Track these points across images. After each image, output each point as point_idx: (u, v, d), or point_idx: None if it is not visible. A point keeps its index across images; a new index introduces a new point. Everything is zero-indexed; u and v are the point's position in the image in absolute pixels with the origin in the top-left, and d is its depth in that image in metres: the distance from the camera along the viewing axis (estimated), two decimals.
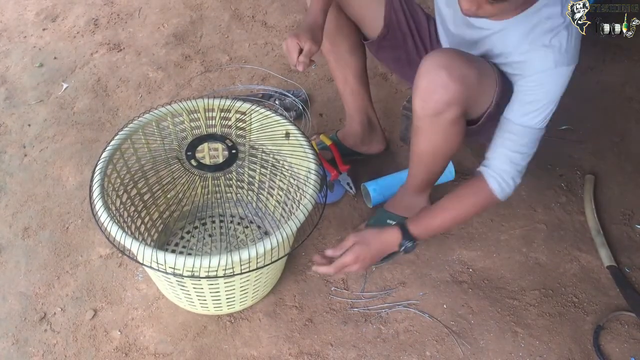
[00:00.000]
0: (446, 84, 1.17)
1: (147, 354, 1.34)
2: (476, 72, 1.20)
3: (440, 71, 1.17)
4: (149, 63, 2.09)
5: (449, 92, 1.18)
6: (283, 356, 1.35)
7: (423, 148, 1.34)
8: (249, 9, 2.32)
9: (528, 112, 1.21)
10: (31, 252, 1.54)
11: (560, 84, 1.19)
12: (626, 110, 1.94)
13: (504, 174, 1.25)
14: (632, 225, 1.61)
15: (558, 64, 1.16)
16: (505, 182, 1.26)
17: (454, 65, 1.18)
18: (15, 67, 2.08)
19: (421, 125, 1.28)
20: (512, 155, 1.24)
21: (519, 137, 1.23)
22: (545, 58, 1.16)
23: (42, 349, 1.35)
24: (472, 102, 1.24)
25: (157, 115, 1.35)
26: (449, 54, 1.20)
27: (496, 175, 1.25)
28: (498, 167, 1.25)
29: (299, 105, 1.89)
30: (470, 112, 1.28)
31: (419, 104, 1.23)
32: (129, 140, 1.32)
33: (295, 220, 1.16)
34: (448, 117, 1.22)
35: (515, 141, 1.23)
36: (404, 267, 1.51)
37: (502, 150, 1.25)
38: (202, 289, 1.25)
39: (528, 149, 1.25)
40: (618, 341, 1.38)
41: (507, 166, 1.25)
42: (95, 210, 1.15)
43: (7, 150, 1.80)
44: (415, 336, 1.38)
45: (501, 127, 1.25)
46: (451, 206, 1.31)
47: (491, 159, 1.27)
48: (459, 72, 1.17)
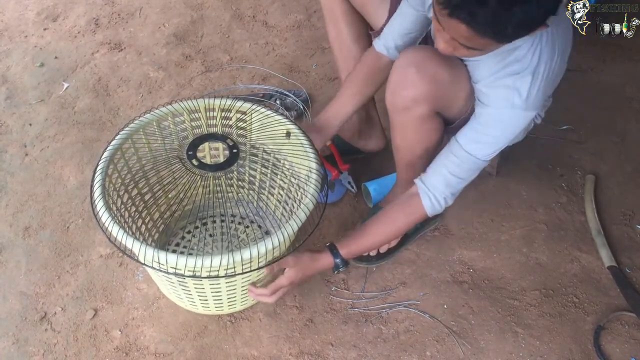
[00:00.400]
0: (414, 82, 1.20)
1: (147, 353, 1.35)
2: (448, 74, 1.21)
3: (410, 68, 1.20)
4: (149, 63, 2.10)
5: (417, 89, 1.20)
6: (283, 356, 1.35)
7: (399, 142, 1.37)
8: (249, 9, 2.32)
9: (477, 142, 1.20)
10: (32, 251, 1.54)
11: (514, 126, 1.18)
12: (627, 110, 1.94)
13: (437, 193, 1.26)
14: (632, 225, 1.61)
15: (515, 107, 1.15)
16: (437, 201, 1.27)
17: (426, 64, 1.19)
18: (16, 67, 2.08)
19: (394, 119, 1.32)
20: (450, 177, 1.25)
21: (462, 162, 1.23)
22: (504, 98, 1.15)
23: (42, 348, 1.36)
24: (444, 102, 1.25)
25: (158, 115, 1.35)
26: (424, 53, 1.21)
27: (429, 194, 1.26)
28: (433, 185, 1.26)
29: (300, 105, 1.89)
30: (444, 111, 1.29)
31: (388, 98, 1.27)
32: (129, 140, 1.32)
33: (296, 219, 1.16)
34: (416, 113, 1.24)
35: (458, 165, 1.23)
36: (404, 267, 1.51)
37: (442, 170, 1.25)
38: (204, 289, 1.25)
39: (467, 175, 1.25)
40: (618, 341, 1.38)
41: (442, 186, 1.26)
42: (97, 210, 1.15)
43: (8, 149, 1.80)
44: (415, 336, 1.38)
45: (449, 147, 1.25)
46: (381, 228, 1.32)
47: (430, 175, 1.27)
48: (429, 71, 1.19)
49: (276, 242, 1.12)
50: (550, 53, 1.12)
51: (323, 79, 2.03)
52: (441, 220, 1.61)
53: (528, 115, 1.17)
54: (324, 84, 2.01)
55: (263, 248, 1.11)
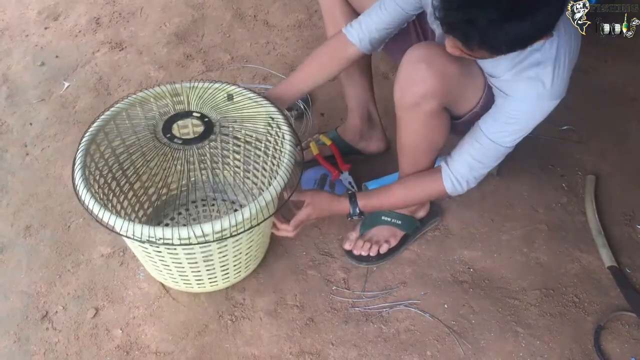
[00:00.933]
0: (424, 77, 1.20)
1: (148, 352, 1.35)
2: (458, 69, 1.21)
3: (420, 64, 1.20)
4: (150, 62, 2.10)
5: (426, 85, 1.20)
6: (284, 355, 1.35)
7: (405, 140, 1.36)
8: (250, 8, 2.32)
9: (500, 131, 1.22)
10: (33, 251, 1.54)
11: (539, 115, 1.20)
12: (628, 110, 1.94)
13: (460, 176, 1.29)
14: (633, 225, 1.61)
15: (540, 98, 1.16)
16: (458, 183, 1.30)
17: (435, 59, 1.19)
18: (17, 66, 2.08)
19: (401, 116, 1.31)
20: (473, 162, 1.27)
21: (485, 149, 1.25)
22: (528, 90, 1.16)
23: (43, 347, 1.36)
24: (453, 98, 1.26)
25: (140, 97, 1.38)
26: (433, 48, 1.21)
27: (452, 176, 1.30)
28: (457, 169, 1.29)
29: (300, 105, 1.89)
30: (453, 107, 1.29)
31: (397, 94, 1.27)
32: (112, 121, 1.35)
33: (282, 167, 1.23)
34: (426, 109, 1.24)
35: (481, 151, 1.25)
36: (404, 267, 1.51)
37: (466, 155, 1.27)
38: (196, 261, 1.27)
39: (490, 161, 1.28)
40: (619, 341, 1.38)
41: (465, 171, 1.28)
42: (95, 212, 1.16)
43: (9, 149, 1.80)
44: (416, 336, 1.38)
45: (472, 133, 1.27)
46: (403, 193, 1.38)
47: (454, 159, 1.30)
48: (439, 66, 1.19)
49: (269, 198, 1.17)
50: (567, 38, 1.13)
51: None
52: (441, 220, 1.61)
53: (553, 104, 1.18)
54: (324, 83, 2.01)
55: (254, 209, 1.15)
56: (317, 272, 1.50)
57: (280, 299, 1.45)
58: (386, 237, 1.51)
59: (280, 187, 1.20)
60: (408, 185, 1.38)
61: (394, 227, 1.51)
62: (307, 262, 1.52)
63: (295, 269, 1.51)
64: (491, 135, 1.23)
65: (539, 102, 1.17)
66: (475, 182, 1.31)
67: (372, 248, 1.50)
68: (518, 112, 1.19)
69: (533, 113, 1.19)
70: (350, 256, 1.52)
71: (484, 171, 1.30)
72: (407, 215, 1.52)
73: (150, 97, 1.38)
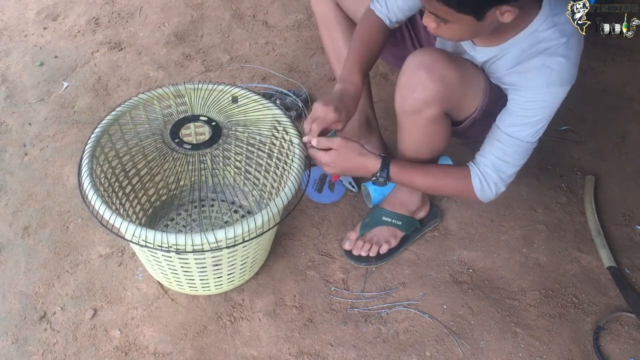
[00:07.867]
0: (425, 83, 1.20)
1: (147, 353, 1.34)
2: (458, 74, 1.21)
3: (420, 70, 1.20)
4: (149, 62, 2.09)
5: (427, 91, 1.20)
6: (283, 356, 1.35)
7: (406, 145, 1.36)
8: (249, 9, 2.32)
9: (516, 124, 1.22)
10: (31, 251, 1.54)
11: (551, 103, 1.20)
12: (627, 110, 1.94)
13: (487, 177, 1.28)
14: (632, 226, 1.61)
15: (550, 85, 1.17)
16: (487, 185, 1.29)
17: (436, 65, 1.20)
18: (16, 66, 2.08)
19: (402, 122, 1.31)
20: (497, 162, 1.26)
21: (505, 146, 1.25)
22: (537, 78, 1.17)
23: (41, 348, 1.36)
24: (454, 104, 1.26)
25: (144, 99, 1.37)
26: (433, 54, 1.22)
27: (480, 176, 1.28)
28: (483, 169, 1.28)
29: (300, 105, 1.89)
30: (454, 113, 1.29)
31: (398, 101, 1.27)
32: (116, 123, 1.34)
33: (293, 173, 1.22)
34: (427, 115, 1.24)
35: (502, 149, 1.25)
36: (404, 268, 1.51)
37: (489, 155, 1.27)
38: (205, 266, 1.27)
39: (514, 159, 1.26)
40: (618, 342, 1.38)
41: (490, 171, 1.27)
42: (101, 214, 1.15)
43: (8, 149, 1.80)
44: (415, 336, 1.38)
45: (491, 132, 1.27)
46: (436, 176, 1.33)
47: (477, 161, 1.30)
48: (439, 72, 1.19)
49: (279, 205, 1.16)
50: (569, 24, 1.14)
51: (323, 79, 2.03)
52: (441, 220, 1.61)
53: (564, 90, 1.18)
54: (324, 83, 2.01)
55: (266, 215, 1.15)
56: (316, 272, 1.50)
57: (279, 299, 1.44)
58: (386, 238, 1.51)
59: (291, 193, 1.19)
60: (445, 172, 1.34)
61: (395, 227, 1.51)
62: (306, 263, 1.52)
63: (294, 269, 1.50)
64: (508, 130, 1.22)
65: (550, 88, 1.17)
66: (504, 185, 1.30)
67: (372, 249, 1.50)
68: (530, 103, 1.19)
69: (545, 101, 1.19)
70: (349, 257, 1.52)
71: (509, 171, 1.28)
72: (408, 216, 1.52)
73: (153, 98, 1.38)
